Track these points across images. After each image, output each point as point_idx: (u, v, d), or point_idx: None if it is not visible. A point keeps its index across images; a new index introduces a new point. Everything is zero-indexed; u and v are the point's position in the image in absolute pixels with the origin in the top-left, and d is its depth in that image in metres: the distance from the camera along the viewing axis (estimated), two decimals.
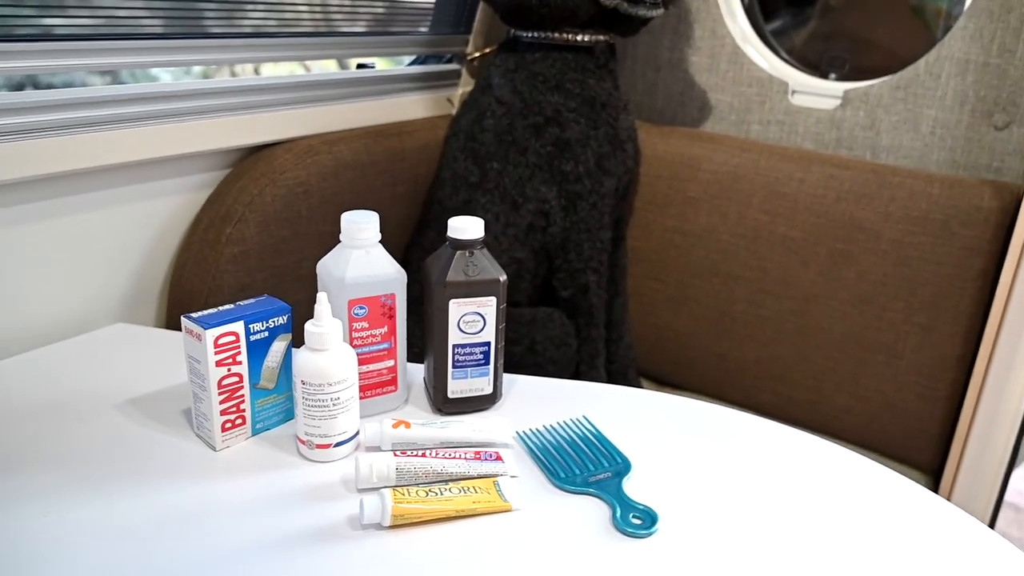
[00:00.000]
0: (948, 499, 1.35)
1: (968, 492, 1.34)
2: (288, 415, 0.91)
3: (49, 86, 1.13)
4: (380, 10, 1.52)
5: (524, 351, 1.38)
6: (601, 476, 0.83)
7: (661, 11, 1.36)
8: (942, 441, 1.40)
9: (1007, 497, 2.43)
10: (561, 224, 1.42)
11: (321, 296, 0.82)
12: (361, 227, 0.88)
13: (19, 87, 1.09)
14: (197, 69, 1.42)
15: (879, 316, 1.41)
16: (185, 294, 1.22)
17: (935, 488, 1.41)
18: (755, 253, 1.50)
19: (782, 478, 0.85)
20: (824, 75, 1.62)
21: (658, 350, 1.65)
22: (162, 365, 1.03)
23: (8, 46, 1.02)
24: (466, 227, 0.90)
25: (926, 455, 1.43)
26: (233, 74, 1.54)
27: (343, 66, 1.58)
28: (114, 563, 0.68)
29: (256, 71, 1.58)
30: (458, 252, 0.90)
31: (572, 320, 1.46)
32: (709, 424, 0.96)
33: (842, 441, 1.49)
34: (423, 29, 1.61)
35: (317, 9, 1.41)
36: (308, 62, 1.50)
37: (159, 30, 1.19)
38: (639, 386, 1.65)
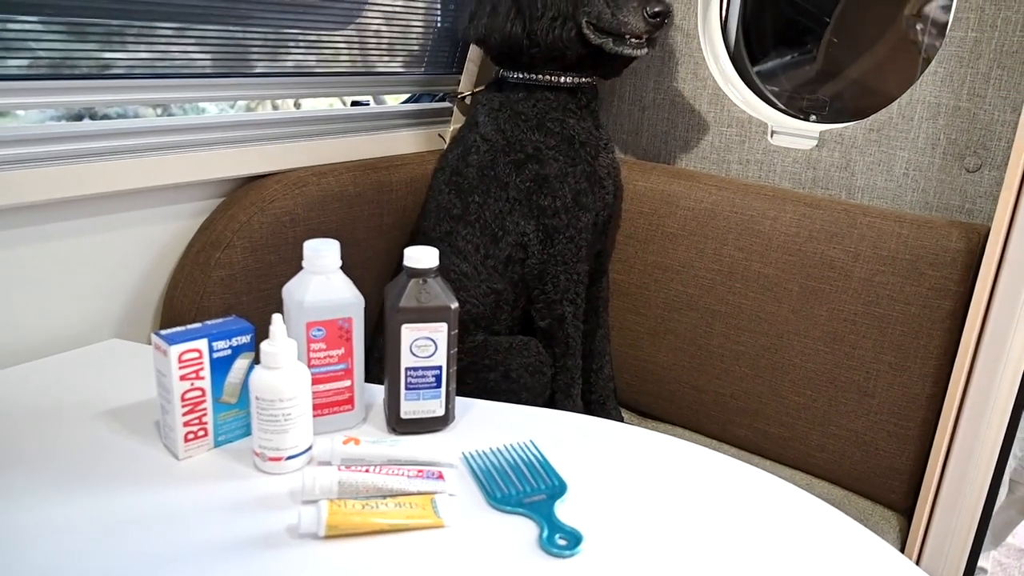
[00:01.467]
0: (923, 539, 1.37)
1: (944, 532, 1.35)
2: (249, 429, 0.97)
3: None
4: (379, 52, 1.59)
5: (499, 377, 1.43)
6: (536, 498, 0.87)
7: (645, 50, 1.41)
8: (914, 480, 1.42)
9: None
10: (539, 256, 1.47)
11: (276, 318, 0.88)
12: (321, 254, 0.94)
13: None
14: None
15: (850, 354, 1.44)
16: (176, 313, 1.29)
17: (907, 527, 1.43)
18: (731, 289, 1.53)
19: (714, 508, 0.89)
20: (806, 117, 1.67)
21: (639, 382, 1.69)
22: (146, 380, 1.09)
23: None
24: (420, 256, 0.95)
25: (898, 494, 1.44)
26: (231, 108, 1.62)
27: (343, 101, 1.65)
28: (73, 559, 0.74)
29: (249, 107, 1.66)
30: (412, 280, 0.95)
31: (549, 350, 1.50)
32: (653, 453, 1.00)
33: (816, 478, 1.52)
34: (418, 69, 1.68)
35: (324, 52, 1.49)
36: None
37: (174, 70, 1.29)
38: (619, 417, 1.69)
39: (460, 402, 1.05)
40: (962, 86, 1.39)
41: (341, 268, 0.96)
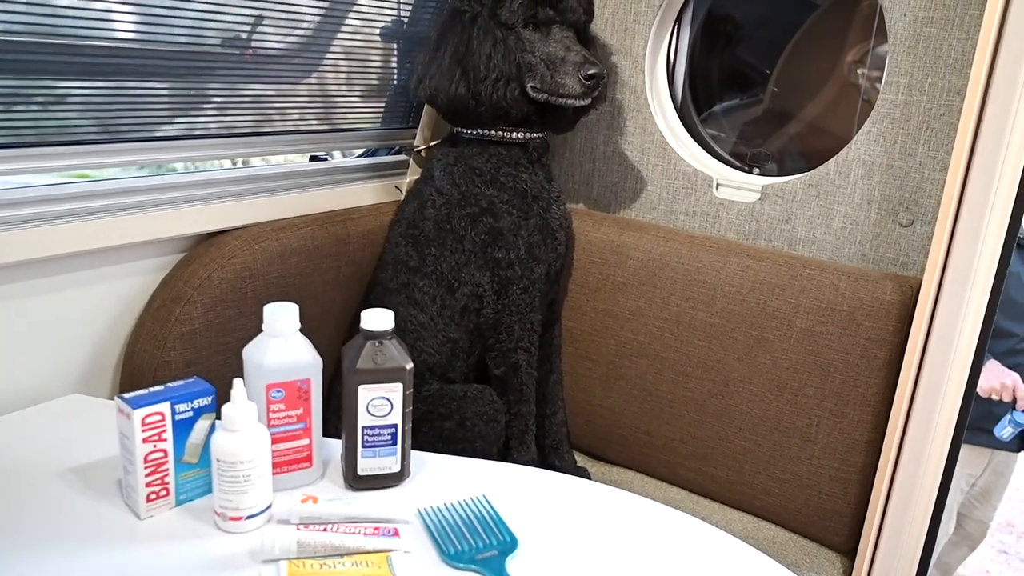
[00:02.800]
0: None
1: (886, 571, 1.41)
2: (210, 487, 0.99)
3: None
4: (338, 109, 1.64)
5: (455, 426, 1.47)
6: (488, 554, 0.91)
7: (588, 100, 1.47)
8: (856, 522, 1.47)
9: None
10: (494, 307, 1.52)
11: (237, 382, 0.91)
12: (279, 318, 0.98)
13: None
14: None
15: (793, 401, 1.49)
16: (136, 369, 1.31)
17: (850, 567, 1.48)
18: (679, 337, 1.59)
19: (663, 563, 0.94)
20: (750, 170, 1.74)
21: (591, 426, 1.73)
22: (108, 435, 1.11)
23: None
24: (376, 319, 0.99)
25: (841, 536, 1.50)
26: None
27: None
28: None
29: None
30: (369, 341, 0.99)
31: (503, 397, 1.55)
32: (604, 508, 1.04)
33: (762, 520, 1.57)
34: (374, 124, 1.72)
35: (284, 110, 1.53)
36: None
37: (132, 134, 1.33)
38: (572, 460, 1.73)
39: (415, 456, 1.08)
40: (894, 146, 1.46)
41: (300, 325, 1.00)
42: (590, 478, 1.70)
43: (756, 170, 1.74)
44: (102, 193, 1.27)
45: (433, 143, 1.71)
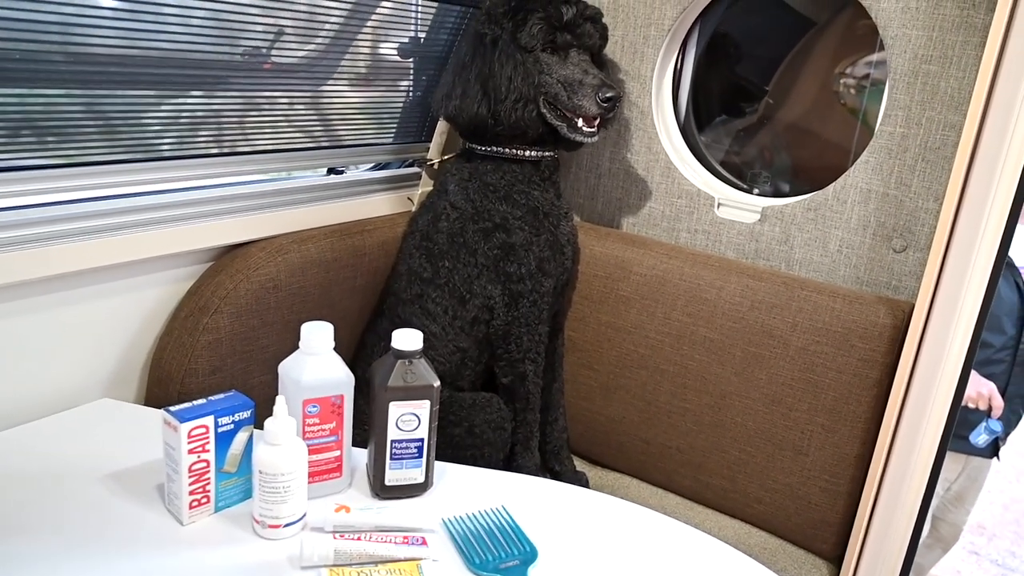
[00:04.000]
0: None
1: None
2: (247, 494, 1.05)
3: None
4: (355, 124, 1.70)
5: (464, 433, 1.53)
6: (511, 563, 0.97)
7: (596, 138, 1.54)
8: (843, 531, 1.55)
9: None
10: (504, 318, 1.58)
11: (280, 399, 0.97)
12: (316, 337, 1.04)
13: None
14: None
15: (787, 416, 1.56)
16: (164, 375, 1.37)
17: (837, 574, 1.55)
18: (678, 351, 1.66)
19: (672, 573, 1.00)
20: (750, 190, 1.81)
21: (591, 433, 1.80)
22: (140, 440, 1.17)
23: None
24: (407, 339, 1.05)
25: (829, 544, 1.57)
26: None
27: None
28: None
29: None
30: (399, 360, 1.05)
31: (510, 405, 1.61)
32: (614, 519, 1.11)
33: (754, 527, 1.64)
34: (388, 139, 1.78)
35: (306, 126, 1.60)
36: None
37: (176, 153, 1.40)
38: (571, 465, 1.80)
39: (436, 467, 1.15)
40: (890, 175, 1.53)
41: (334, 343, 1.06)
42: (588, 483, 1.77)
43: (755, 190, 1.80)
44: (132, 209, 1.32)
45: (447, 156, 1.76)
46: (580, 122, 1.53)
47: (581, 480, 1.77)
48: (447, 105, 1.55)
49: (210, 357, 1.36)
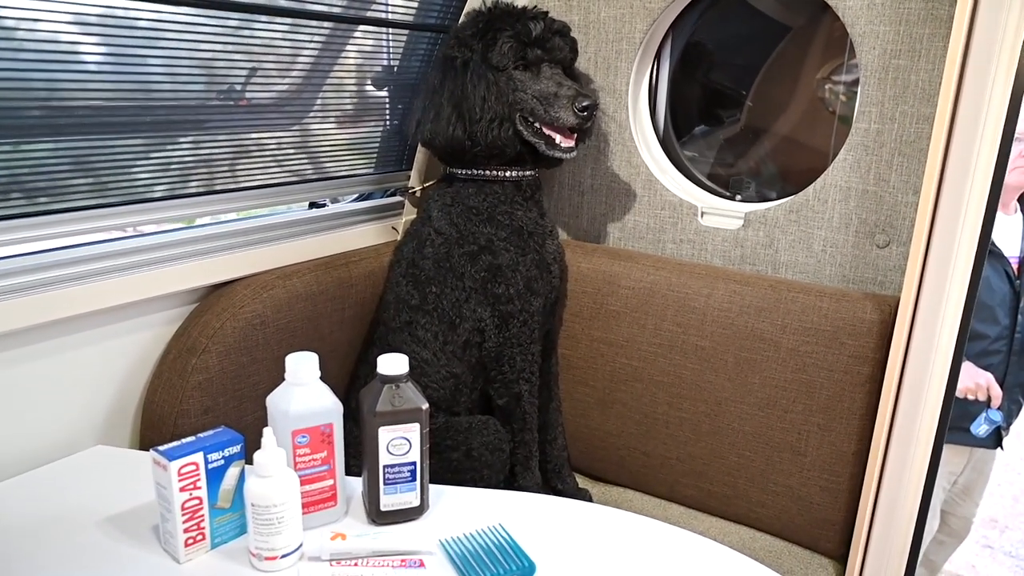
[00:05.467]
0: None
1: (876, 573, 1.47)
2: (242, 529, 1.05)
3: None
4: (334, 157, 1.71)
5: (462, 457, 1.53)
6: None
7: (575, 153, 1.55)
8: (846, 529, 1.54)
9: None
10: (495, 340, 1.58)
11: (267, 431, 0.97)
12: (302, 368, 1.04)
13: None
14: None
15: (782, 418, 1.56)
16: (156, 417, 1.37)
17: (843, 572, 1.55)
18: (671, 361, 1.66)
19: None
20: (732, 196, 1.82)
21: (591, 449, 1.80)
22: (135, 484, 1.17)
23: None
24: (392, 364, 1.06)
25: (832, 543, 1.57)
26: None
27: None
28: None
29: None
30: (386, 385, 1.06)
31: (507, 426, 1.61)
32: (612, 530, 1.11)
33: (758, 531, 1.64)
34: (368, 169, 1.79)
35: (284, 161, 1.60)
36: None
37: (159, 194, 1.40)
38: (574, 483, 1.79)
39: (432, 489, 1.15)
40: (869, 172, 1.54)
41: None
42: (592, 499, 1.76)
43: (738, 197, 1.81)
44: (115, 253, 1.32)
45: (428, 183, 1.77)
46: (558, 138, 1.54)
47: (584, 497, 1.76)
48: (421, 130, 1.56)
49: (201, 397, 1.36)
